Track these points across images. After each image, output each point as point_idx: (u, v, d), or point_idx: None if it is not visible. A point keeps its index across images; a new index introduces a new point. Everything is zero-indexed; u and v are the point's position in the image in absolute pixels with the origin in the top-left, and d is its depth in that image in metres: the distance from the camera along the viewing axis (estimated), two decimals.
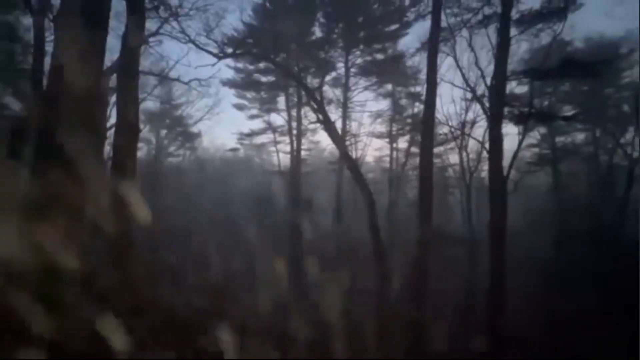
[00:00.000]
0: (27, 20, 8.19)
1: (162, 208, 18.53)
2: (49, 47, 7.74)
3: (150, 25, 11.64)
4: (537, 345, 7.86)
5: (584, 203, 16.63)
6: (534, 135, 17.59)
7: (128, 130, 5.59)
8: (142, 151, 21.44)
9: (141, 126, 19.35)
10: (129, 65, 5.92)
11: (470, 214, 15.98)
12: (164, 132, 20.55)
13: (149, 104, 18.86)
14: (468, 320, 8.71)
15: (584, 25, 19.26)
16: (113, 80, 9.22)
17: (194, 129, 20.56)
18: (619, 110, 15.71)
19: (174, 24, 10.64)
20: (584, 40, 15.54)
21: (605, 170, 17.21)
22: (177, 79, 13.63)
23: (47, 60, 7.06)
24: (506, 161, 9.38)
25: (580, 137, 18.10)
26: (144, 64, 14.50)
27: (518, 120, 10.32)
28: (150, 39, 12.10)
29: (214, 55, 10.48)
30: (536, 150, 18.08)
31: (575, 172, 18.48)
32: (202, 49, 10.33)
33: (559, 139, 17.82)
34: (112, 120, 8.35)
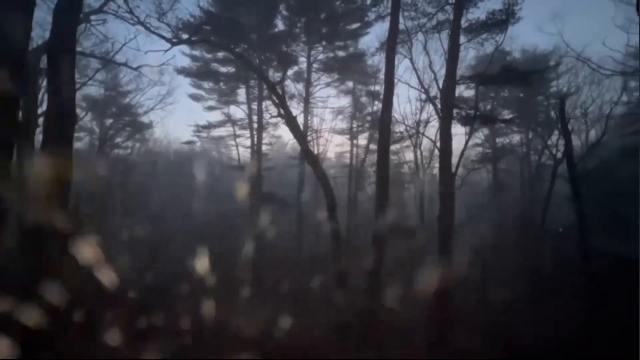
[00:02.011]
0: None
1: (103, 203, 17.02)
2: None
3: (92, 1, 10.52)
4: (477, 320, 8.76)
5: (517, 197, 18.74)
6: (479, 136, 19.36)
7: (62, 117, 5.00)
8: (83, 142, 19.39)
9: (81, 113, 17.48)
10: (62, 43, 5.25)
11: (423, 208, 17.10)
12: (109, 121, 18.76)
13: (91, 90, 17.08)
14: (419, 304, 9.36)
15: (521, 38, 21.56)
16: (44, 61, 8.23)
17: (145, 119, 19.09)
18: (547, 116, 17.88)
19: (121, 2, 9.71)
20: (521, 52, 17.42)
21: (535, 168, 19.54)
22: (125, 64, 12.50)
23: None
24: (454, 159, 10.22)
25: (516, 138, 20.34)
26: (84, 44, 13.07)
27: (465, 121, 11.25)
28: (92, 17, 10.92)
29: (167, 40, 9.77)
30: (480, 149, 19.91)
31: (511, 170, 20.71)
32: (153, 32, 9.57)
33: (499, 140, 19.82)
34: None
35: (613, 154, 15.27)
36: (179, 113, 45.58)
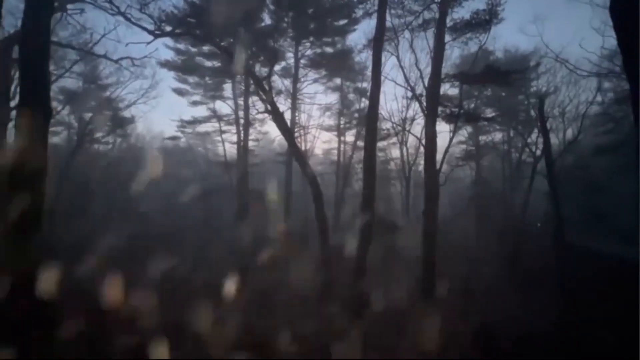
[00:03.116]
0: None
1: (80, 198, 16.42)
2: None
3: None
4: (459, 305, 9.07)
5: (498, 192, 19.35)
6: (463, 134, 19.82)
7: (35, 110, 4.77)
8: (60, 136, 18.64)
9: (58, 107, 16.76)
10: (35, 33, 4.99)
11: (409, 203, 17.41)
12: (88, 115, 18.06)
13: (68, 82, 16.37)
14: (404, 295, 9.59)
15: (504, 39, 22.13)
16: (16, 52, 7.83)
17: (126, 114, 18.48)
18: (527, 115, 18.48)
19: None
20: (503, 52, 17.89)
21: (515, 165, 20.21)
22: (104, 56, 12.05)
23: None
24: (439, 156, 10.43)
25: (498, 136, 20.95)
26: (61, 34, 12.52)
27: (450, 119, 11.48)
28: (69, 6, 10.45)
29: (150, 32, 9.44)
30: (464, 147, 20.40)
31: (493, 167, 21.35)
32: (134, 24, 9.24)
33: (482, 138, 20.36)
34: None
35: (588, 151, 16.00)
36: (163, 108, 44.36)
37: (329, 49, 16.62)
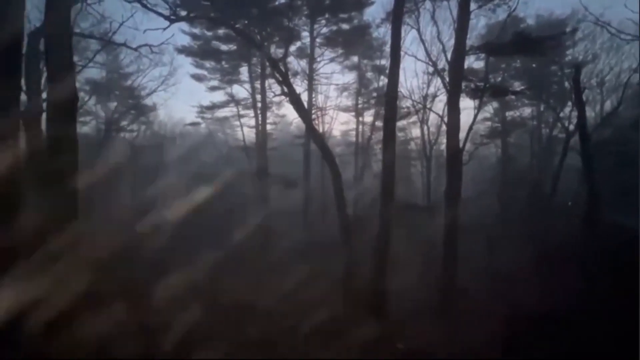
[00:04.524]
0: None
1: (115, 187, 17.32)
2: None
3: None
4: (483, 294, 8.96)
5: (526, 172, 18.46)
6: (488, 110, 18.82)
7: (63, 99, 4.97)
8: (89, 126, 19.47)
9: (85, 97, 17.39)
10: (56, 24, 5.13)
11: (430, 184, 17.02)
12: (113, 104, 18.71)
13: (92, 72, 16.90)
14: (424, 277, 9.56)
15: (536, 3, 20.31)
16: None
17: (148, 101, 18.96)
18: (561, 87, 17.17)
19: None
20: (535, 18, 16.47)
21: (545, 142, 19.08)
22: (124, 44, 12.22)
23: None
24: (462, 134, 9.99)
25: (527, 111, 19.72)
26: (82, 25, 12.80)
27: (474, 94, 10.89)
28: None
29: (165, 17, 9.43)
30: (489, 123, 19.42)
31: (521, 143, 20.26)
32: (150, 9, 9.20)
33: (509, 113, 19.24)
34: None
35: (628, 124, 14.75)
36: (182, 94, 45.01)
37: (345, 26, 15.99)
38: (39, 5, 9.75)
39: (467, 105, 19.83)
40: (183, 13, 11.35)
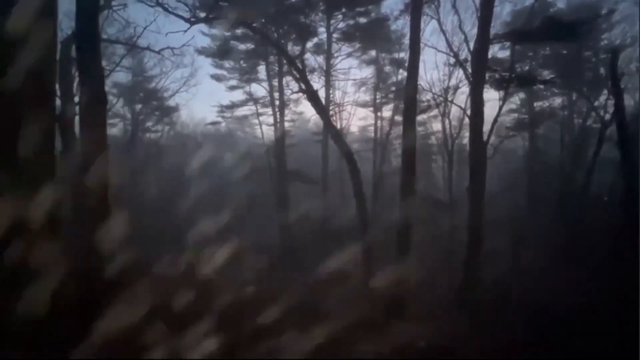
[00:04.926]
0: None
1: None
2: None
3: None
4: (508, 290, 8.62)
5: (556, 165, 17.47)
6: (514, 101, 17.93)
7: (93, 102, 5.24)
8: (117, 128, 20.39)
9: (113, 100, 18.26)
10: (87, 31, 5.40)
11: (452, 179, 16.52)
12: (139, 106, 19.50)
13: (119, 76, 17.69)
14: (447, 273, 9.36)
15: None
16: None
17: (171, 103, 19.62)
18: (595, 73, 16.05)
19: None
20: (566, 0, 15.45)
21: (578, 133, 17.95)
22: (148, 48, 12.71)
23: None
24: (486, 127, 9.59)
25: (557, 101, 18.60)
26: (109, 31, 13.37)
27: (499, 84, 10.43)
28: (113, 3, 11.05)
29: (186, 20, 9.72)
30: (515, 115, 18.52)
31: (549, 136, 19.18)
32: (171, 12, 9.53)
33: (537, 104, 18.25)
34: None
35: None
36: (202, 94, 46.23)
37: (362, 19, 15.74)
38: (70, 14, 10.31)
39: (491, 96, 18.91)
40: (202, 15, 11.62)
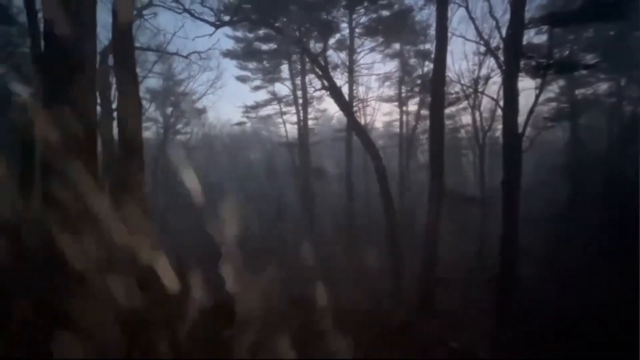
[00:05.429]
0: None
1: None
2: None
3: None
4: (546, 292, 8.07)
5: (602, 158, 16.02)
6: (552, 89, 16.65)
7: (130, 107, 5.54)
8: (150, 131, 21.50)
9: (146, 105, 19.28)
10: (122, 41, 5.72)
11: (483, 175, 15.72)
12: (169, 110, 20.45)
13: (151, 82, 18.62)
14: (479, 272, 8.93)
15: None
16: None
17: (199, 105, 20.37)
18: None
19: None
20: None
21: (628, 121, 16.33)
22: (176, 53, 13.28)
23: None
24: (521, 118, 8.98)
25: (603, 87, 17.02)
26: (141, 39, 14.09)
27: (536, 72, 9.71)
28: (144, 12, 11.63)
29: (211, 24, 10.07)
30: (554, 104, 17.22)
31: (594, 125, 17.63)
32: (197, 18, 9.91)
33: (579, 91, 16.83)
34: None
35: None
36: (228, 96, 47.63)
37: (385, 12, 15.33)
38: (106, 26, 10.98)
39: (525, 85, 17.71)
40: (226, 18, 11.93)
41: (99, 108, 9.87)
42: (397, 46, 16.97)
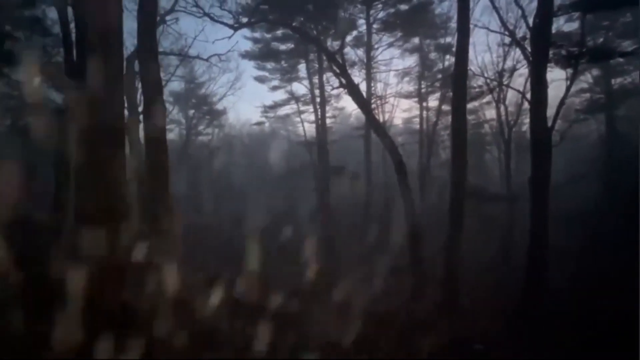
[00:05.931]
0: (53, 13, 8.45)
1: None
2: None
3: (164, 2, 11.54)
4: (578, 295, 7.62)
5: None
6: (585, 79, 15.69)
7: (155, 110, 5.80)
8: (174, 132, 22.29)
9: (169, 107, 19.99)
10: (147, 48, 5.98)
11: (509, 171, 15.08)
12: (191, 112, 21.10)
13: (174, 85, 19.29)
14: (507, 277, 8.58)
15: None
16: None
17: (219, 106, 20.88)
18: None
19: None
20: None
21: None
22: (197, 57, 13.69)
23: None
24: (551, 111, 8.51)
25: None
26: (163, 44, 14.62)
27: (566, 62, 9.16)
28: (167, 17, 12.05)
29: (230, 26, 10.29)
30: (587, 95, 16.22)
31: (631, 117, 16.45)
32: (217, 21, 10.17)
33: (615, 81, 15.74)
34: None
35: None
36: (247, 96, 48.53)
37: (403, 6, 15.04)
38: (132, 32, 11.47)
39: (555, 76, 16.76)
40: (244, 20, 12.14)
41: (126, 112, 10.38)
42: (416, 40, 16.62)
